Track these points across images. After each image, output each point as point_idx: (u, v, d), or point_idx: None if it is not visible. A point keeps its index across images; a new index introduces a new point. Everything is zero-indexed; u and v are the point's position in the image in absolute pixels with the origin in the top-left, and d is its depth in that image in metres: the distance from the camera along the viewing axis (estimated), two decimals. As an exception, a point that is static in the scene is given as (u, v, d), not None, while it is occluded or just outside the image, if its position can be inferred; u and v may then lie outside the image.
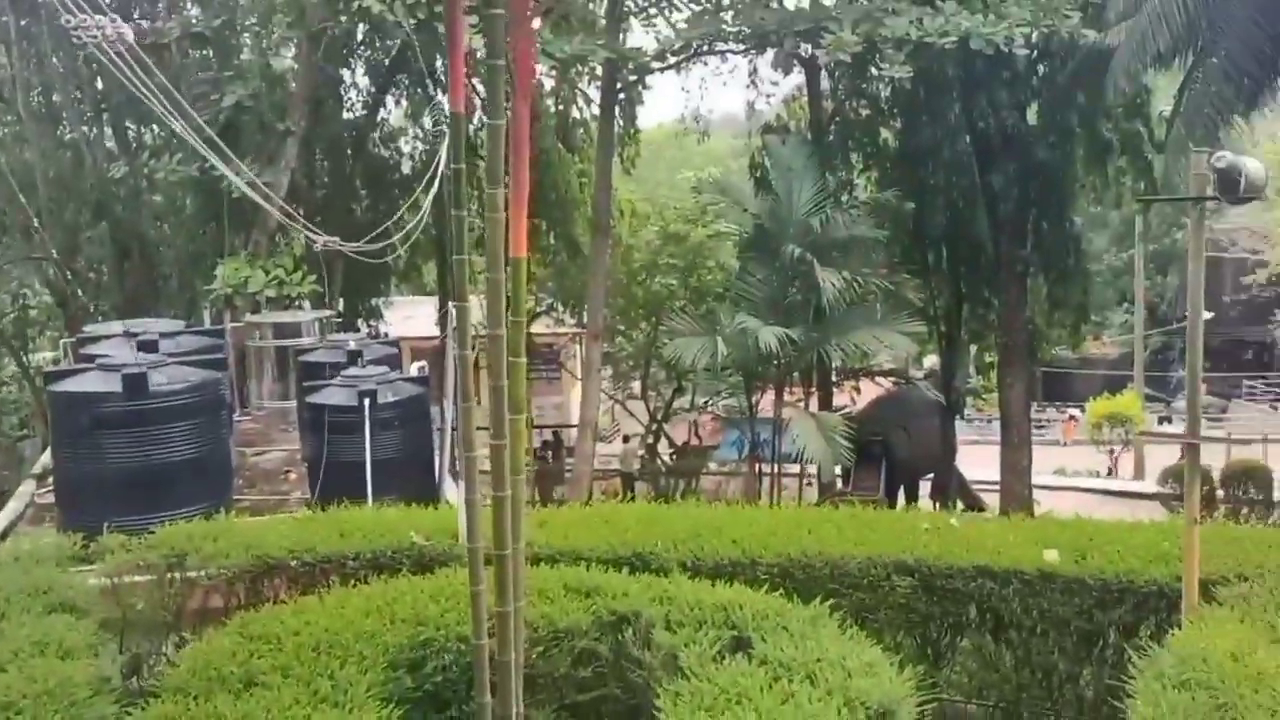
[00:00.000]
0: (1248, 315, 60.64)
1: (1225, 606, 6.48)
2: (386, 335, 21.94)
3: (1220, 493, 23.27)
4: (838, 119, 26.41)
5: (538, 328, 32.05)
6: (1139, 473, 33.73)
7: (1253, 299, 58.89)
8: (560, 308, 31.58)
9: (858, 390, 27.40)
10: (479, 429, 5.19)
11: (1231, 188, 6.77)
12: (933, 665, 8.37)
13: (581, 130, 28.41)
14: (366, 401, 11.68)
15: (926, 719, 5.84)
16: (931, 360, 30.78)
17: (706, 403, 30.18)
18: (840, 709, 4.89)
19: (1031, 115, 23.48)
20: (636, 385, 32.12)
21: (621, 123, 26.18)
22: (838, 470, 23.17)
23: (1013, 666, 8.44)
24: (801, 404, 24.02)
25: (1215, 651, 5.48)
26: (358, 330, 24.31)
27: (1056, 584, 8.01)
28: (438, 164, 17.57)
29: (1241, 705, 4.96)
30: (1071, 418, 48.98)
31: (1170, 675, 5.34)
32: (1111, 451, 36.38)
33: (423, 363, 15.24)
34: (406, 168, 29.60)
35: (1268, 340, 60.89)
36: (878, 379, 27.49)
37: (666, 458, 31.17)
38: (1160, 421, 51.90)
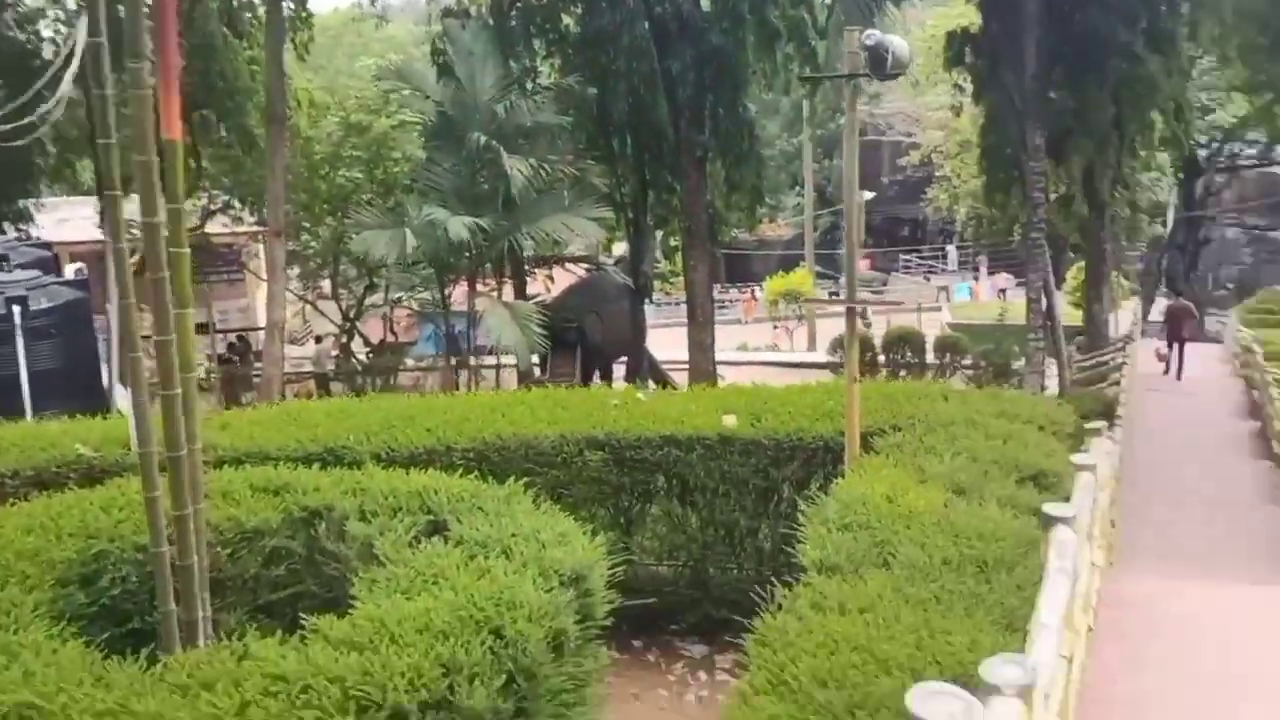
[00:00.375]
0: (904, 194, 65.83)
1: (881, 455, 7.17)
2: (37, 238, 19.91)
3: (881, 357, 25.64)
4: (519, 3, 26.03)
5: (214, 227, 30.11)
6: (811, 344, 36.47)
7: (907, 179, 63.78)
8: (238, 205, 29.74)
9: (551, 278, 27.73)
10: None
11: (879, 64, 7.30)
12: (625, 532, 8.81)
13: (249, 15, 26.49)
14: (16, 309, 10.63)
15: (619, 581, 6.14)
16: (621, 246, 31.51)
17: (400, 298, 29.64)
18: (535, 578, 5.05)
19: (705, 1, 24.07)
20: (327, 284, 31.00)
21: (292, 6, 24.62)
22: (535, 358, 23.50)
23: (698, 527, 9.02)
24: (495, 294, 24.06)
25: (873, 495, 6.08)
26: (3, 233, 21.91)
27: (735, 447, 8.59)
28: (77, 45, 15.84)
29: (895, 541, 5.53)
30: (751, 296, 51.88)
31: (834, 520, 5.87)
32: (775, 326, 38.95)
33: (80, 265, 13.99)
34: (49, 53, 26.54)
35: (920, 217, 66.36)
36: (569, 266, 27.91)
37: (362, 357, 30.48)
38: (830, 296, 56.08)
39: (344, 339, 30.29)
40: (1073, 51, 22.05)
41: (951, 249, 62.15)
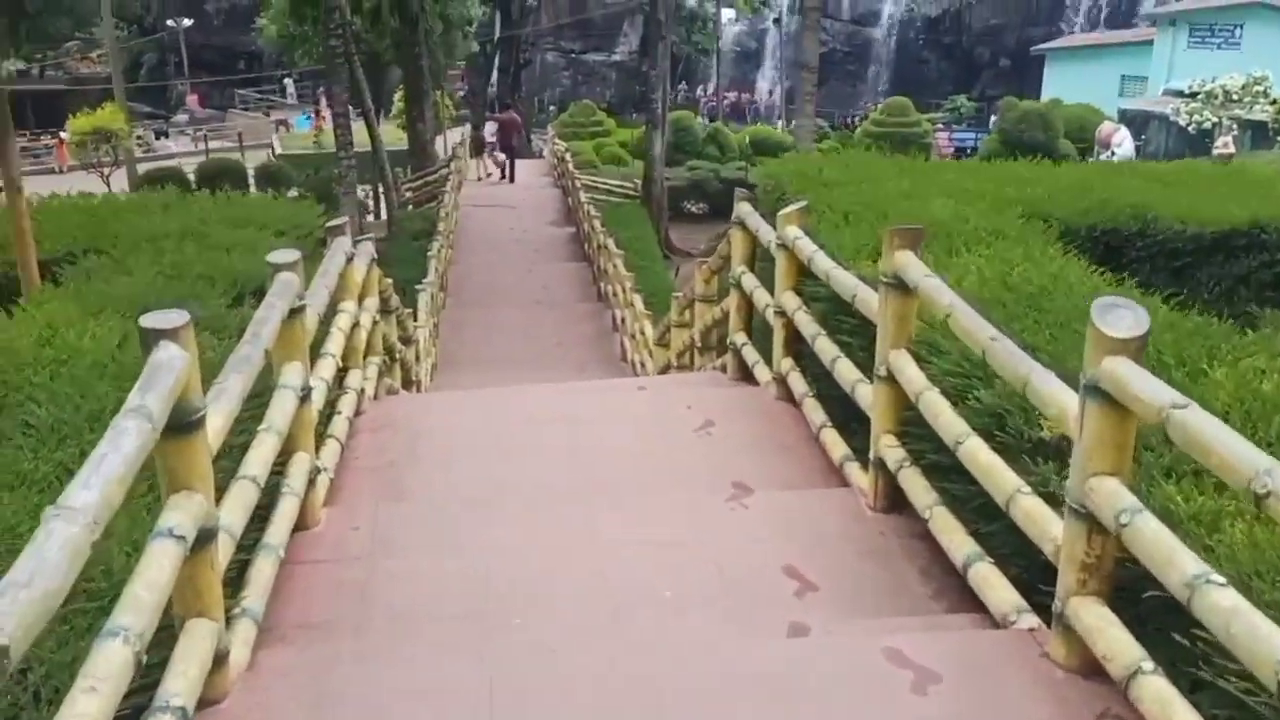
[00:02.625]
0: (234, 23, 61.06)
1: (64, 285, 5.55)
2: None
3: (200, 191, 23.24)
4: None
5: None
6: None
7: (236, 6, 59.06)
8: None
9: None
10: None
11: None
12: None
13: None
14: None
15: None
16: None
17: None
18: None
19: None
20: None
21: None
22: None
23: None
24: None
25: (21, 341, 4.48)
26: None
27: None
28: None
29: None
30: (62, 141, 45.11)
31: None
32: (104, 172, 34.29)
33: None
34: None
35: (254, 49, 62.13)
36: None
37: None
38: (158, 136, 50.86)
39: None
40: None
41: (289, 82, 59.10)
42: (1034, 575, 3.38)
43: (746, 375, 7.04)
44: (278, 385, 4.09)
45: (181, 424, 2.75)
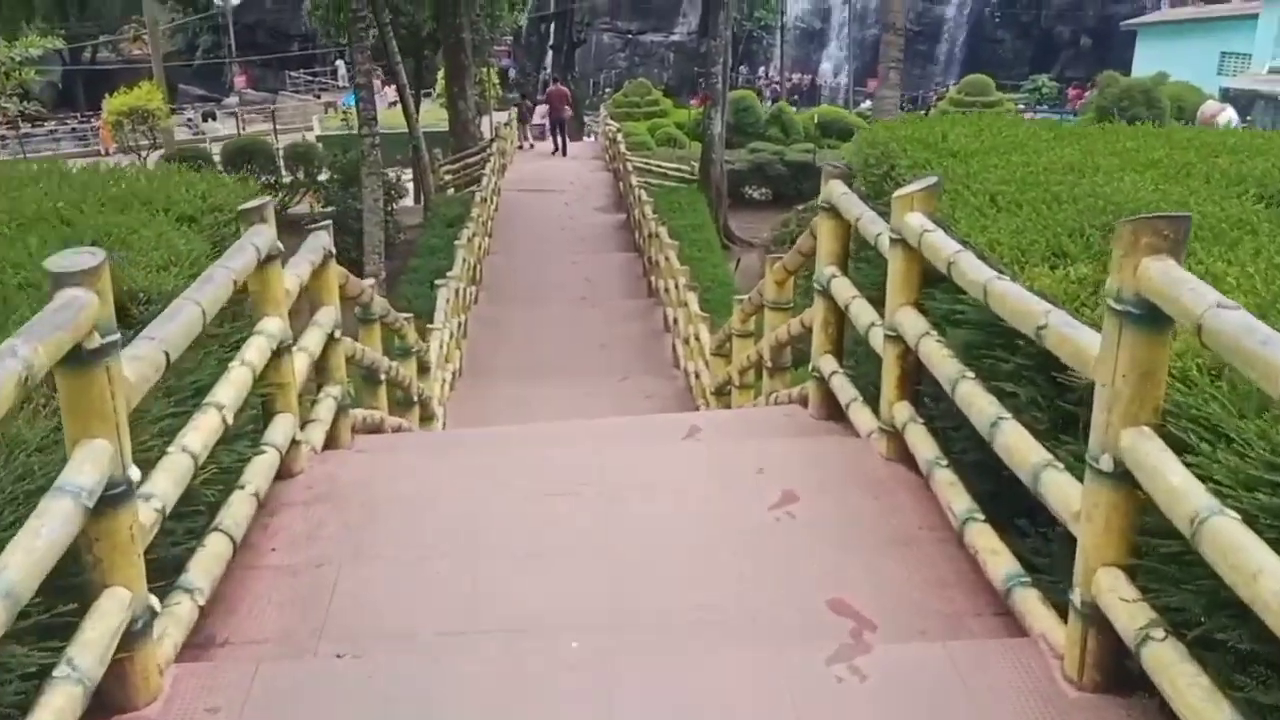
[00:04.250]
0: (287, 5, 60.22)
1: None
2: None
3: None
4: None
5: None
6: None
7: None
8: None
9: None
10: None
11: None
12: None
13: None
14: None
15: None
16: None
17: None
18: None
19: None
20: None
21: None
22: None
23: None
24: None
25: None
26: None
27: None
28: None
29: None
30: (105, 123, 44.22)
31: None
32: (140, 154, 33.12)
33: None
34: None
35: (306, 30, 61.15)
36: None
37: None
38: (205, 118, 49.90)
39: None
40: None
41: (341, 64, 57.95)
42: None
43: (835, 411, 5.21)
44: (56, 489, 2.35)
45: None
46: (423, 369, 8.62)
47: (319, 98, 56.84)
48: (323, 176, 21.18)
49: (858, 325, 4.64)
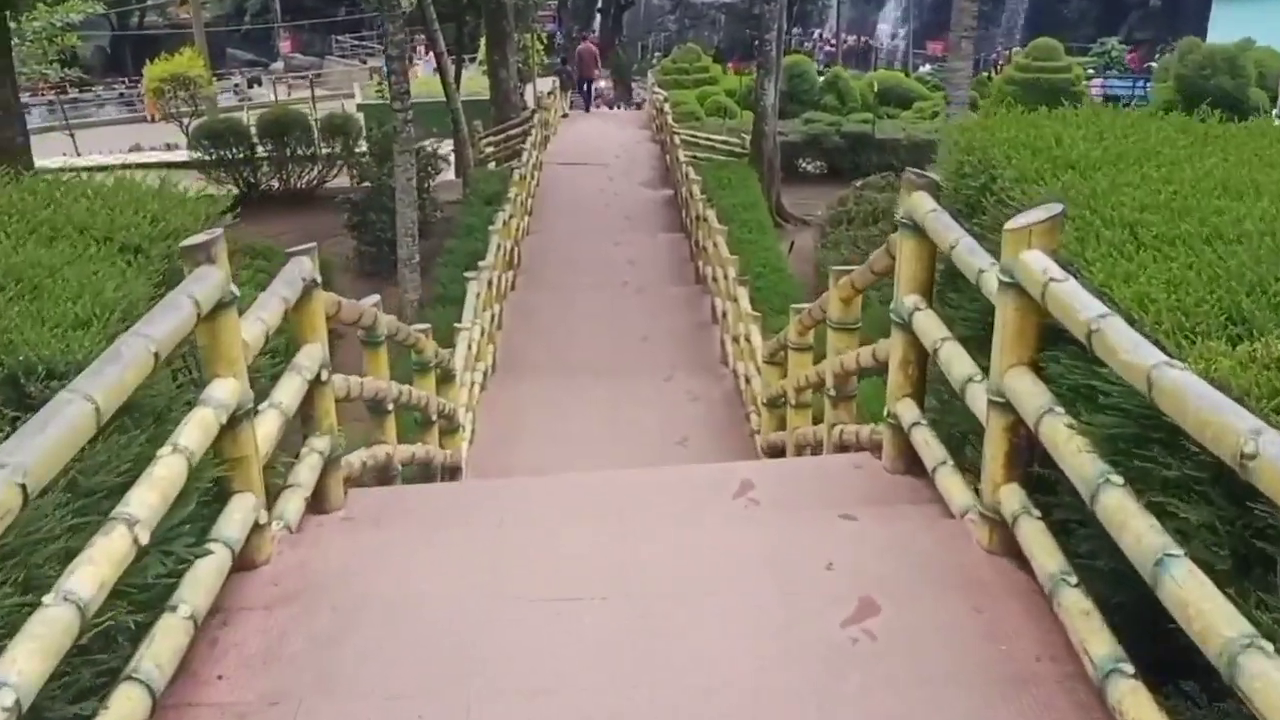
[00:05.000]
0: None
1: None
2: None
3: (259, 147, 21.19)
4: None
5: None
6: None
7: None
8: None
9: None
10: None
11: None
12: None
13: None
14: None
15: None
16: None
17: None
18: None
19: None
20: None
21: None
22: None
23: None
24: None
25: None
26: None
27: None
28: None
29: None
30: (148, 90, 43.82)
31: None
32: (183, 122, 32.59)
33: None
34: None
35: (353, -6, 60.44)
36: None
37: None
38: (250, 85, 49.41)
39: None
40: None
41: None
42: None
43: (913, 464, 4.38)
44: None
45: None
46: (446, 378, 7.86)
47: (365, 63, 56.18)
48: (360, 147, 20.43)
49: (951, 377, 3.78)
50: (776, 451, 7.82)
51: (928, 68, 40.99)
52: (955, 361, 3.75)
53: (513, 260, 14.13)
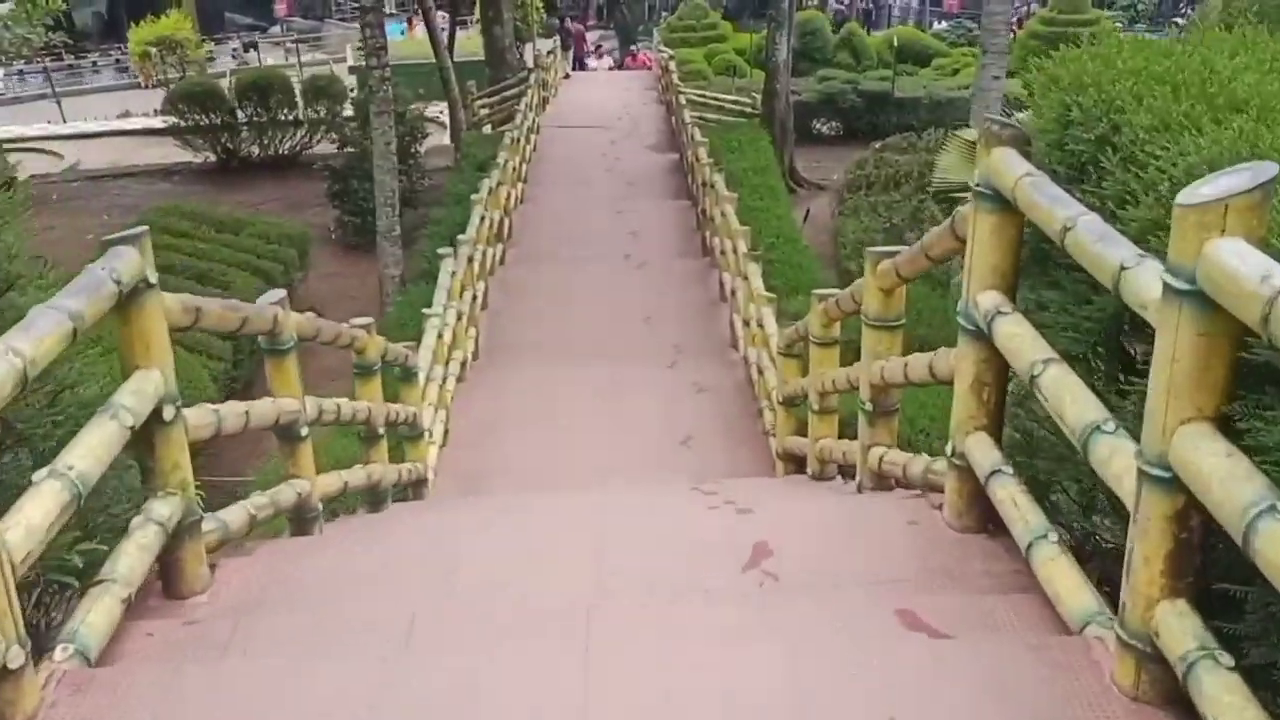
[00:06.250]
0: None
1: None
2: None
3: (239, 112, 19.91)
4: None
5: None
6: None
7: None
8: None
9: None
10: None
11: None
12: None
13: None
14: None
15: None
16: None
17: None
18: None
19: None
20: None
21: None
22: None
23: None
24: None
25: None
26: None
27: None
28: None
29: None
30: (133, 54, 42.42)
31: None
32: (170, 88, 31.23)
33: None
34: None
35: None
36: None
37: None
38: (246, 49, 47.97)
39: None
40: None
41: (387, -12, 55.74)
42: None
43: (987, 518, 3.20)
44: None
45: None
46: (406, 377, 6.68)
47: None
48: (348, 112, 19.13)
49: (1064, 422, 2.56)
50: (794, 460, 6.65)
51: (943, 24, 39.37)
52: (1070, 399, 2.54)
53: (502, 232, 12.90)
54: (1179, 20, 36.24)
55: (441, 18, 34.06)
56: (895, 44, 25.79)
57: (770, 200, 14.26)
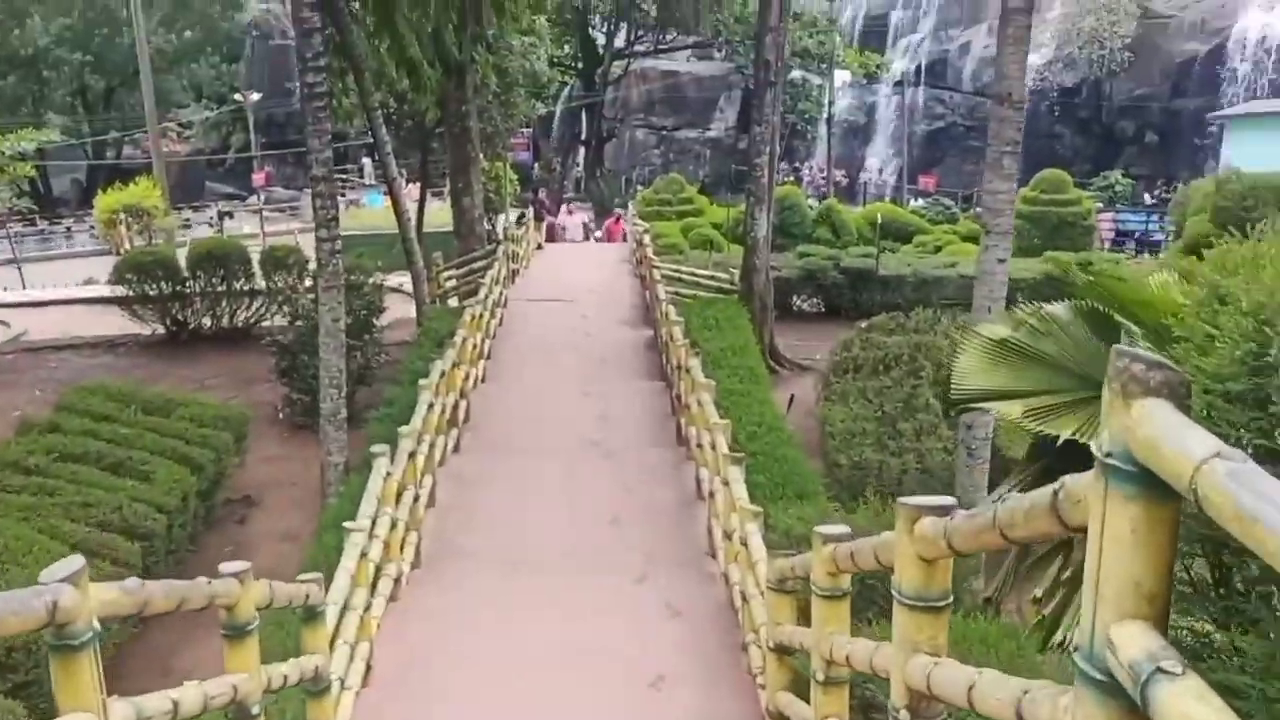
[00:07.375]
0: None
1: None
2: None
3: (192, 283, 18.96)
4: None
5: None
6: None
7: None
8: None
9: None
10: None
11: None
12: None
13: None
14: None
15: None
16: None
17: None
18: None
19: None
20: None
21: None
22: None
23: None
24: None
25: None
26: None
27: None
28: None
29: None
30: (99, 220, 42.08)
31: None
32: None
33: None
34: None
35: (337, 128, 59.71)
36: None
37: None
38: (223, 218, 47.84)
39: None
40: None
41: (367, 161, 56.39)
42: None
43: None
44: None
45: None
46: (310, 618, 5.38)
47: (344, 195, 54.92)
48: (307, 283, 18.20)
49: None
50: (789, 726, 5.33)
51: (920, 202, 39.56)
52: None
53: (457, 417, 11.75)
54: (1150, 199, 36.48)
55: (416, 188, 33.92)
56: (879, 221, 25.39)
57: (750, 383, 13.21)
